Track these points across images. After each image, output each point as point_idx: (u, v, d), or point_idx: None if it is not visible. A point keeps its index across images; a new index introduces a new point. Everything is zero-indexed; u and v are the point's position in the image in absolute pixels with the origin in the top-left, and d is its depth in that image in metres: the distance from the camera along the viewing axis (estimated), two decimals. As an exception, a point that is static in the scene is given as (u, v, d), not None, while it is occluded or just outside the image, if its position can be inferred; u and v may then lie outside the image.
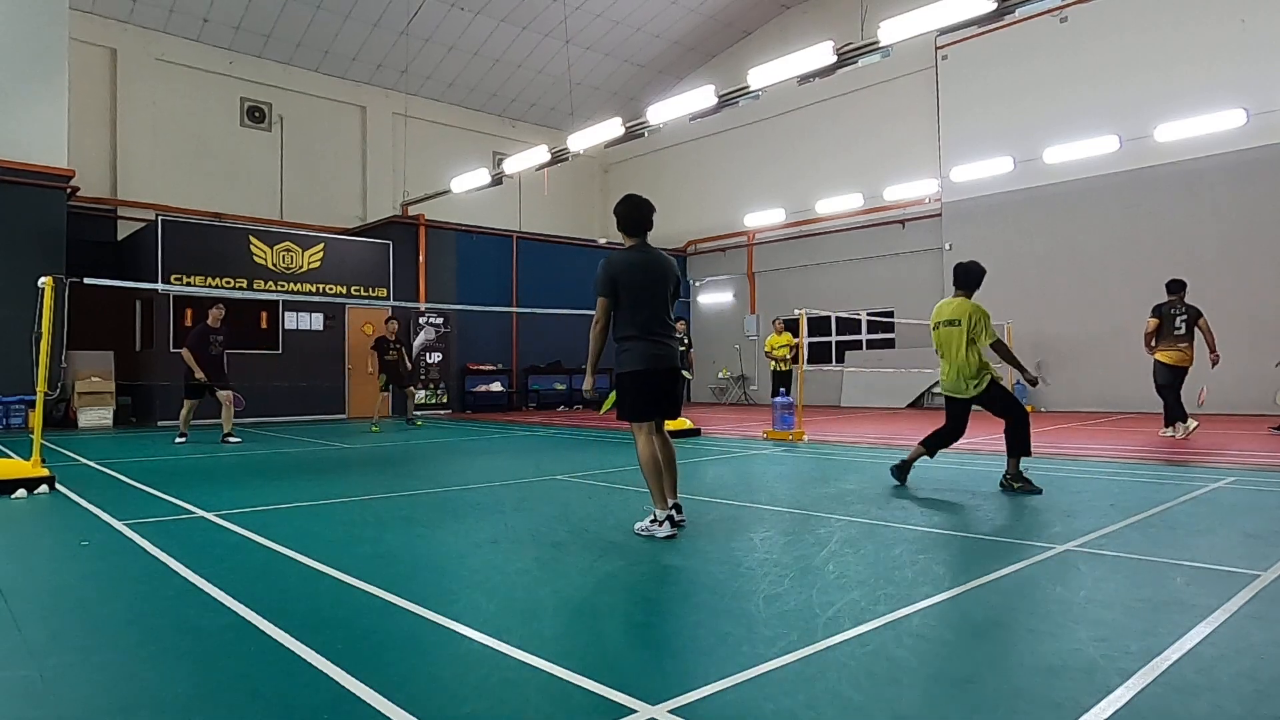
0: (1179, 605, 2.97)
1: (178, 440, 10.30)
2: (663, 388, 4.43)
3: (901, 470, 6.19)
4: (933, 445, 6.29)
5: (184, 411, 10.74)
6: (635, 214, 4.48)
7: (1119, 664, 2.37)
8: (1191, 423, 9.27)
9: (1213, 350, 9.14)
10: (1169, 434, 9.35)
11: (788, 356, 13.46)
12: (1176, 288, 9.45)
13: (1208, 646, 2.52)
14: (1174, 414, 9.32)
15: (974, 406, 6.22)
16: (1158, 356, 9.37)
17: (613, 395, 4.74)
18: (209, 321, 10.66)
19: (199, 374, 10.38)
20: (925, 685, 2.24)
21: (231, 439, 10.45)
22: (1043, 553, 3.80)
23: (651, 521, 4.31)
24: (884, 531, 4.41)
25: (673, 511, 4.33)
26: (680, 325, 15.11)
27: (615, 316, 4.42)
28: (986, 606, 2.97)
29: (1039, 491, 5.60)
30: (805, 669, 2.38)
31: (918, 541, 4.10)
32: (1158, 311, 9.42)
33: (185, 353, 10.44)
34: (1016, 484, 5.75)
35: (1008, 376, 15.45)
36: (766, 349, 13.98)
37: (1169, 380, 9.29)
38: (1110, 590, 3.19)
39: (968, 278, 6.12)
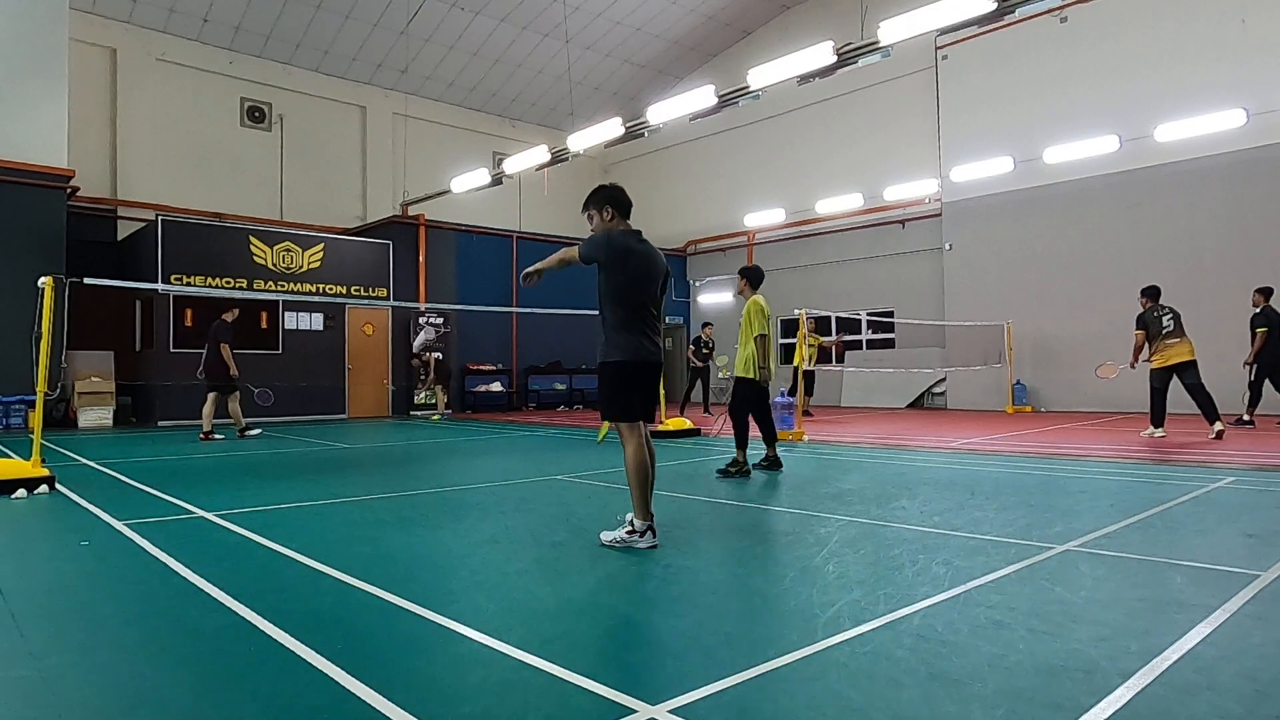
0: (1179, 605, 2.97)
1: (217, 437, 10.76)
2: (651, 382, 4.23)
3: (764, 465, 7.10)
4: (770, 438, 7.21)
5: (209, 409, 10.96)
6: (625, 200, 4.34)
7: (1119, 664, 2.37)
8: (1161, 431, 9.39)
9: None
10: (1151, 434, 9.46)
11: (809, 355, 13.53)
12: (1156, 293, 9.71)
13: (1208, 646, 2.52)
14: (1159, 416, 9.43)
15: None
16: (1155, 364, 9.43)
17: (605, 426, 4.68)
18: (229, 320, 11.11)
19: (235, 369, 10.79)
20: (925, 685, 2.23)
21: (215, 436, 10.79)
22: (1043, 553, 3.80)
23: (629, 532, 4.00)
24: (884, 531, 4.41)
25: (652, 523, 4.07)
26: (708, 330, 15.15)
27: (605, 302, 4.18)
28: (986, 606, 2.96)
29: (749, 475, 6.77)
30: (805, 669, 2.38)
31: (918, 541, 4.10)
32: (1142, 322, 9.53)
33: (225, 349, 10.76)
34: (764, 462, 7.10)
35: (1007, 375, 15.47)
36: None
37: (1163, 383, 9.42)
38: (1110, 590, 3.19)
39: (761, 277, 7.38)
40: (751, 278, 7.34)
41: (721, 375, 21.32)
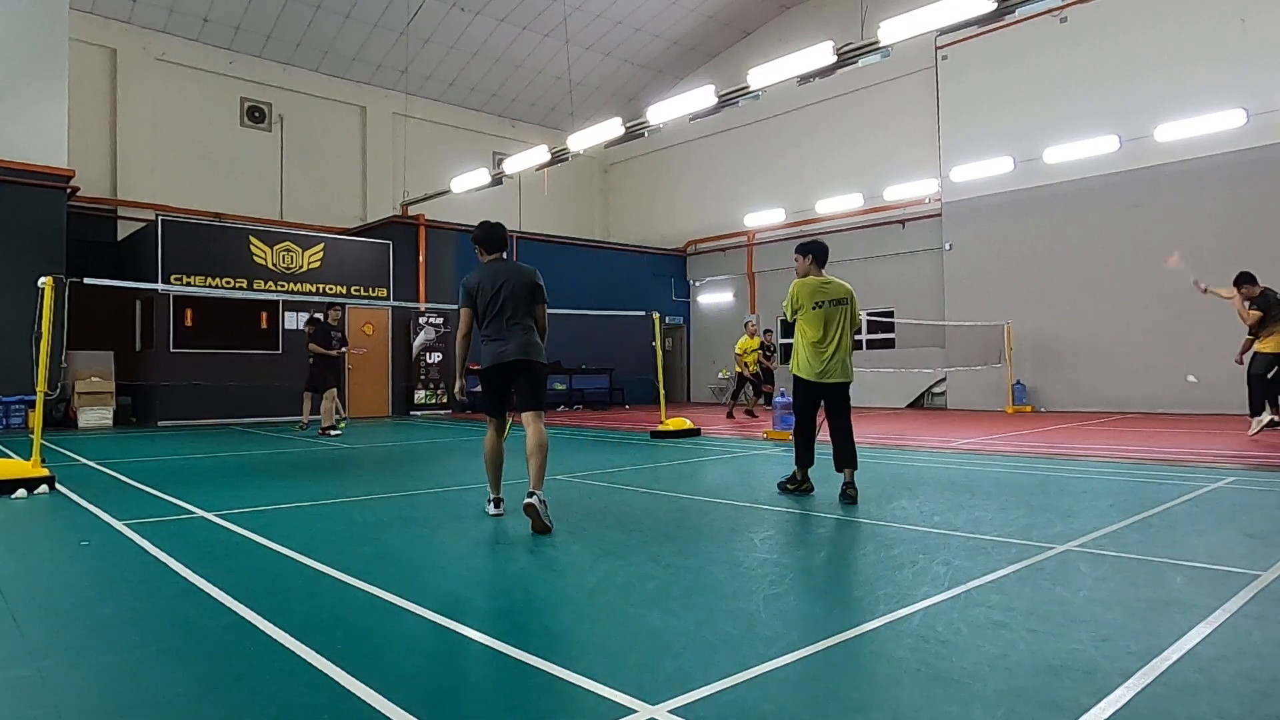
0: (1179, 605, 2.97)
1: (337, 432, 11.22)
2: (504, 380, 5.00)
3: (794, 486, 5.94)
4: (809, 453, 5.87)
5: (327, 404, 11.28)
6: (488, 236, 5.11)
7: (1119, 664, 2.37)
8: (1268, 416, 8.96)
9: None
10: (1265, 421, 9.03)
11: (752, 362, 13.66)
12: (1253, 279, 9.30)
13: (1208, 646, 2.52)
14: (1260, 404, 9.04)
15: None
16: (1264, 348, 9.00)
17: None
18: (329, 320, 11.47)
19: (327, 351, 11.14)
20: (925, 685, 2.23)
21: (333, 431, 11.26)
22: (1043, 553, 3.80)
23: (489, 502, 5.08)
24: (884, 531, 4.41)
25: (533, 499, 4.48)
26: (769, 337, 15.03)
27: (476, 323, 5.03)
28: (986, 606, 2.96)
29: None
30: (805, 669, 2.38)
31: (918, 541, 4.10)
32: (1265, 301, 9.06)
33: (313, 345, 11.12)
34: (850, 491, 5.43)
35: (1007, 375, 15.47)
36: (738, 351, 14.09)
37: (1265, 370, 9.02)
38: (1110, 590, 3.19)
39: (826, 255, 5.88)
40: (816, 253, 5.83)
41: (721, 375, 21.40)
